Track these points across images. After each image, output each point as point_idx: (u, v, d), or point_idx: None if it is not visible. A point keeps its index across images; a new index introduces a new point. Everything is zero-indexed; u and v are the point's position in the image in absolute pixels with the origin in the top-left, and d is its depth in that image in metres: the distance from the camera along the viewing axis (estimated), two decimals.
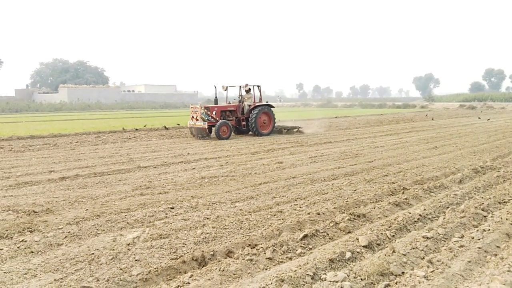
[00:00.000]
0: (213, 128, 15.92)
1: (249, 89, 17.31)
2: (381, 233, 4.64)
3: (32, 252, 4.44)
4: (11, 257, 4.32)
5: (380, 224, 4.98)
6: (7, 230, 5.04)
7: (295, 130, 18.29)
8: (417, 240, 4.37)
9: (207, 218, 5.54)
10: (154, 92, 76.71)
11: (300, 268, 3.69)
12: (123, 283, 3.59)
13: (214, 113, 15.96)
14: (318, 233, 4.76)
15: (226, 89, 16.78)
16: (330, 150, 12.33)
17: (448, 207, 5.72)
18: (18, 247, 4.55)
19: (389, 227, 4.85)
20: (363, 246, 4.29)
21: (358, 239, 4.42)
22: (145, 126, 21.04)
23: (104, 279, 3.68)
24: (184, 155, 11.45)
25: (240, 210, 5.95)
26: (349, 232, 4.90)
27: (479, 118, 27.98)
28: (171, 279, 3.73)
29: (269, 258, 4.08)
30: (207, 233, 4.91)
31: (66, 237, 4.86)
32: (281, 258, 4.15)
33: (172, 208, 6.02)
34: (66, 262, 4.13)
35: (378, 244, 4.42)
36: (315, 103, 74.31)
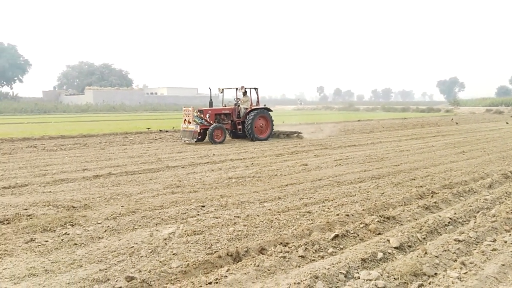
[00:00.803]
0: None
1: (245, 91, 16.53)
2: (412, 235, 4.68)
3: (76, 244, 4.69)
4: (56, 248, 4.58)
5: (410, 227, 5.01)
6: (49, 224, 5.32)
7: (294, 135, 17.42)
8: (449, 243, 4.39)
9: (238, 217, 5.70)
10: (176, 95, 77.79)
11: (333, 266, 3.78)
12: (164, 275, 3.77)
13: (207, 116, 15.41)
14: (348, 233, 4.84)
15: (222, 92, 16.30)
16: (355, 153, 12.33)
17: (478, 211, 5.69)
18: (62, 240, 4.81)
19: (420, 229, 4.88)
20: (395, 247, 4.35)
21: (389, 241, 4.47)
22: (173, 128, 21.32)
23: (146, 270, 3.87)
24: (210, 156, 11.68)
25: (269, 210, 6.08)
26: (379, 233, 4.96)
27: (507, 123, 27.26)
28: (208, 272, 3.89)
29: (302, 256, 4.19)
30: (239, 230, 5.06)
31: (105, 231, 5.10)
32: (313, 256, 4.25)
33: (203, 206, 6.21)
34: (109, 254, 4.36)
35: (409, 246, 4.47)
36: (336, 106, 73.73)
